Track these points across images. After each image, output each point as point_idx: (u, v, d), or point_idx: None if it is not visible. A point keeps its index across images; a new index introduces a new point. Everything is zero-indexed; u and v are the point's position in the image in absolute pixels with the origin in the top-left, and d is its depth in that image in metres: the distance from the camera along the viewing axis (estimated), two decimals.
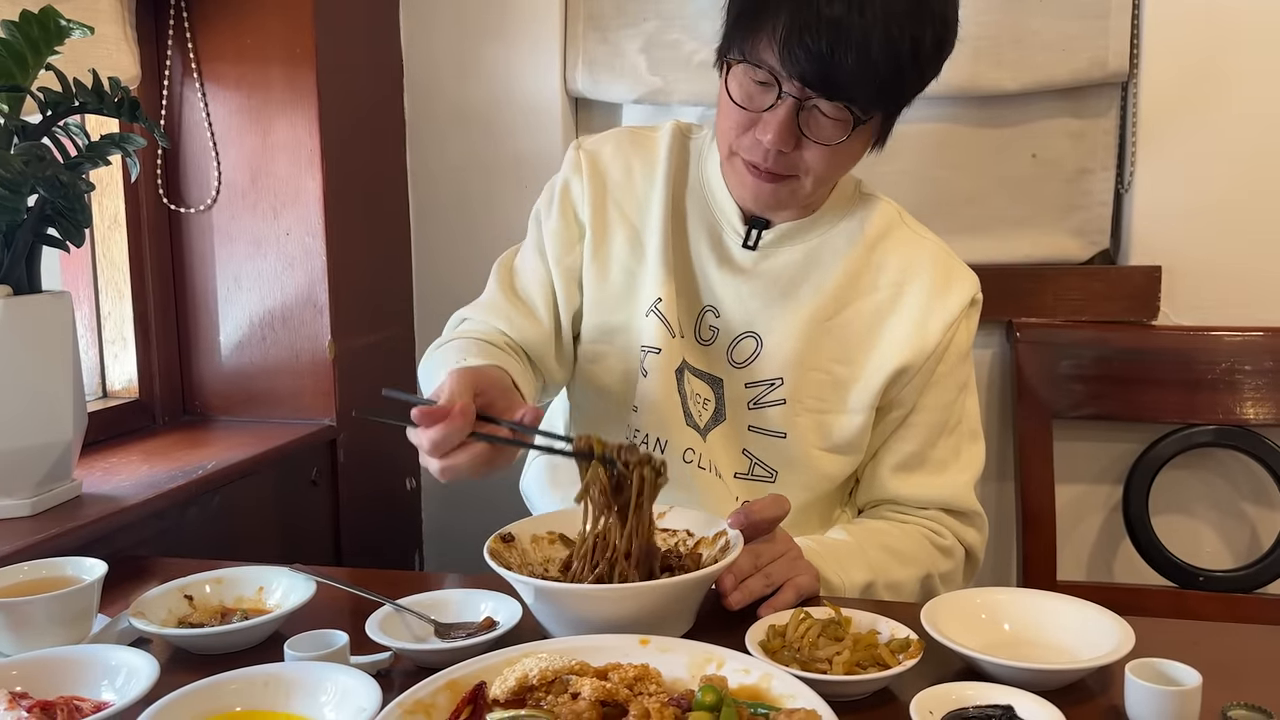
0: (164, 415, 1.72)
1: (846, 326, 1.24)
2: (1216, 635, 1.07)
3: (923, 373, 1.23)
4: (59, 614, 0.97)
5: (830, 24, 1.02)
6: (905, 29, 1.03)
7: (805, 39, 1.03)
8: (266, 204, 1.69)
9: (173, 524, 1.41)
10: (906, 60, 1.05)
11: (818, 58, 1.03)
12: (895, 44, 1.03)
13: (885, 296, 1.24)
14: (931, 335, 1.22)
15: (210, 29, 1.67)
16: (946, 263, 1.27)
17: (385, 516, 1.94)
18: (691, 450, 1.25)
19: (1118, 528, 1.76)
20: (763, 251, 1.24)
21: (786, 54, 1.04)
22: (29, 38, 1.20)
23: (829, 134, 1.10)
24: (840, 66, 1.03)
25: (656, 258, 1.26)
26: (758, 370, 1.25)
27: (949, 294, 1.24)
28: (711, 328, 1.27)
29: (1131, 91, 1.71)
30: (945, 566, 1.25)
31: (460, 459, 0.96)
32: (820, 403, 1.24)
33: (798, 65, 1.04)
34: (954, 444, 1.28)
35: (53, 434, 1.23)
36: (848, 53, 1.02)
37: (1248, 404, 1.66)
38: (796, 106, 1.08)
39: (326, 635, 0.92)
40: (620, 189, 1.30)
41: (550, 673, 0.81)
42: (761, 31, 1.06)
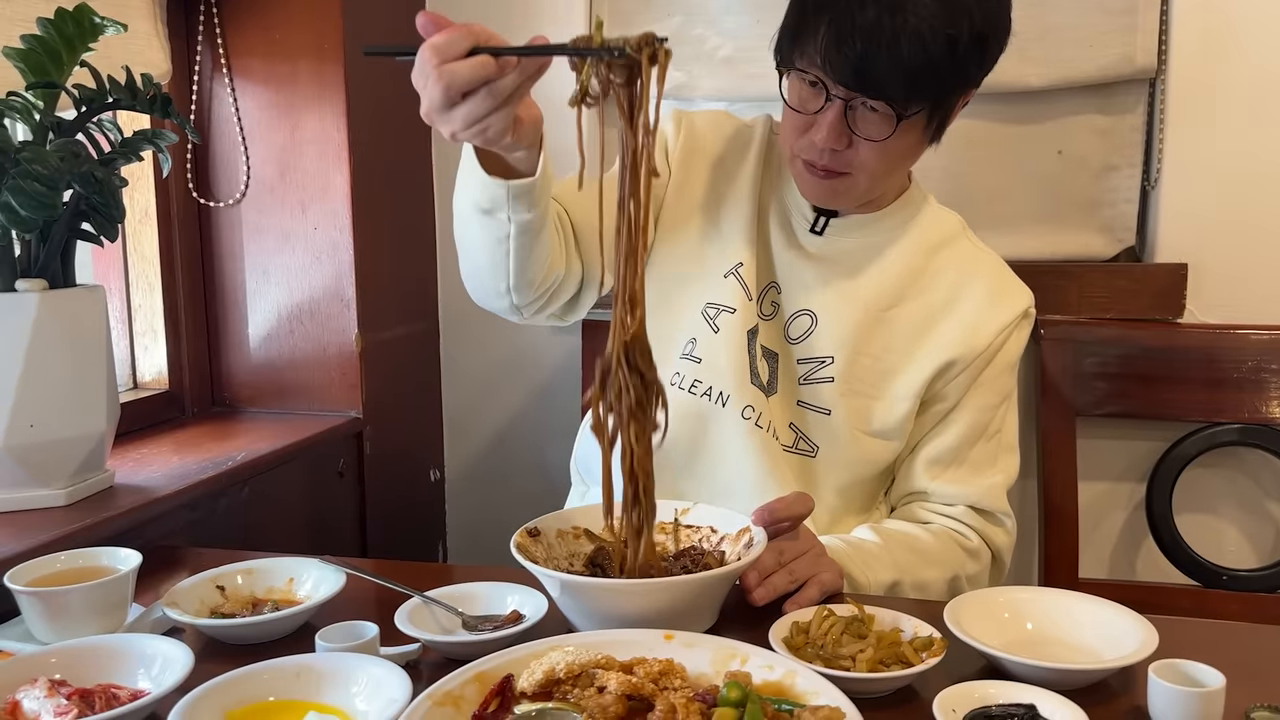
0: (193, 407, 1.74)
1: (900, 320, 1.28)
2: (1240, 636, 1.07)
3: (970, 370, 1.27)
4: (96, 603, 0.99)
5: (864, 29, 1.09)
6: (938, 27, 1.09)
7: (843, 45, 1.11)
8: (295, 198, 1.71)
9: (203, 515, 1.43)
10: (940, 56, 1.10)
11: (854, 60, 1.11)
12: (926, 42, 1.09)
13: (941, 298, 1.29)
14: (983, 336, 1.27)
15: (240, 25, 1.69)
16: (1003, 275, 1.32)
17: (410, 508, 1.96)
18: (751, 408, 1.27)
19: (1141, 526, 1.76)
20: (828, 239, 1.30)
21: (828, 60, 1.12)
22: (64, 35, 1.22)
23: (876, 130, 1.16)
24: (875, 66, 1.10)
25: (741, 227, 1.32)
26: (810, 347, 1.29)
27: (1004, 302, 1.29)
28: (774, 303, 1.31)
29: (1159, 88, 1.70)
30: (972, 569, 1.25)
31: (461, 64, 0.90)
32: (867, 387, 1.28)
33: (838, 69, 1.12)
34: (991, 450, 1.30)
35: (87, 425, 1.25)
36: (880, 53, 1.09)
37: (1273, 402, 1.65)
38: (844, 107, 1.15)
39: (357, 626, 0.94)
40: (710, 155, 1.36)
41: (576, 666, 0.82)
42: (808, 41, 1.14)
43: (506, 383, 2.01)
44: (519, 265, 1.15)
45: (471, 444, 2.05)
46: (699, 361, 1.30)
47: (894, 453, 1.30)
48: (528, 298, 1.20)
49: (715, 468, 1.28)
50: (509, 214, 1.09)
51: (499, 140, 0.98)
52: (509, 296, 1.19)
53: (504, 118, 0.95)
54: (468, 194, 1.11)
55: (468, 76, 0.91)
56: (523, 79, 0.94)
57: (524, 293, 1.19)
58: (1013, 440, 1.33)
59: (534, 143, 1.04)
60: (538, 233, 1.13)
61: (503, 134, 0.97)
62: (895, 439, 1.29)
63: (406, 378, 1.91)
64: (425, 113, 0.95)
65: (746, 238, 1.31)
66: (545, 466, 1.94)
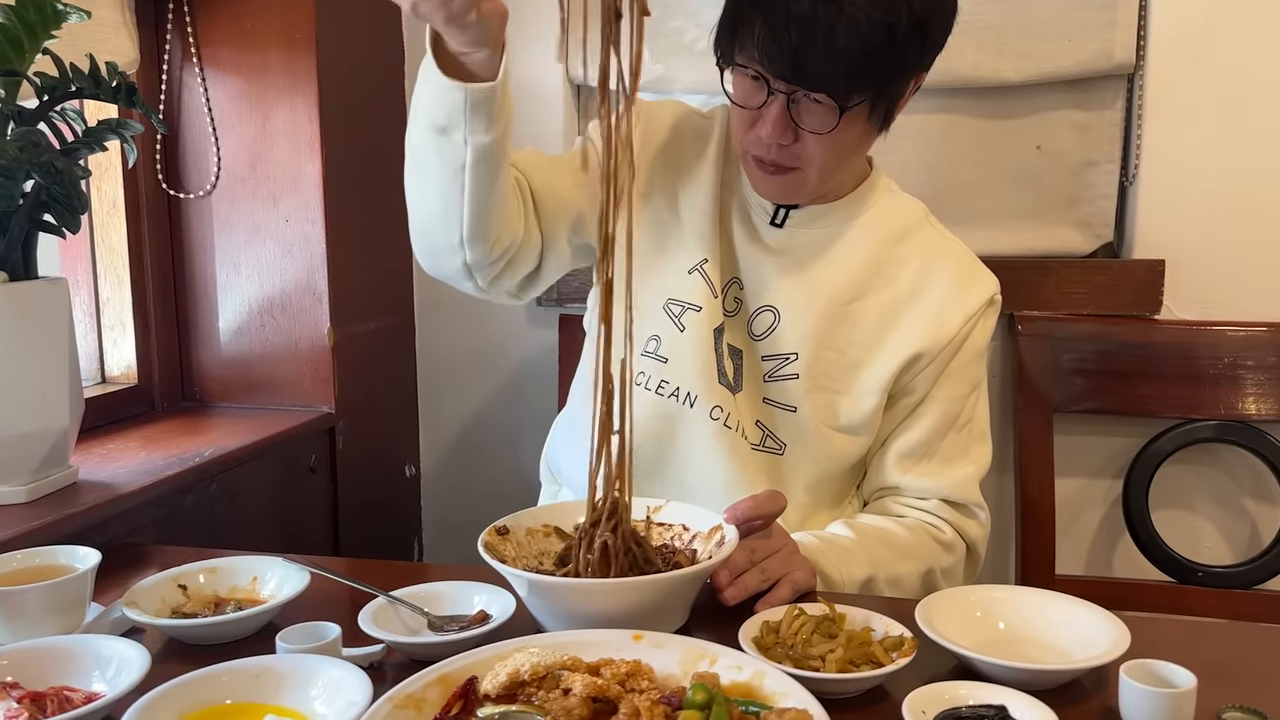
0: (163, 401, 1.72)
1: (865, 313, 1.27)
2: (1213, 634, 1.07)
3: (937, 362, 1.25)
4: (52, 603, 0.97)
5: (799, 21, 1.07)
6: (874, 16, 1.07)
7: (779, 38, 1.09)
8: (266, 190, 1.68)
9: (170, 511, 1.40)
10: (879, 45, 1.08)
11: (791, 54, 1.09)
12: (862, 31, 1.06)
13: (905, 288, 1.27)
14: (950, 326, 1.25)
15: (210, 13, 1.66)
16: (969, 262, 1.30)
17: (384, 504, 1.94)
18: (720, 408, 1.25)
19: (1117, 522, 1.76)
20: (789, 231, 1.28)
21: (765, 54, 1.10)
22: (25, 22, 1.19)
23: (820, 123, 1.14)
24: (812, 58, 1.08)
25: (704, 222, 1.29)
26: (774, 344, 1.27)
27: (969, 290, 1.27)
28: (737, 299, 1.30)
29: (1137, 84, 1.69)
30: (946, 561, 1.25)
31: None
32: (833, 382, 1.26)
33: (776, 63, 1.10)
34: (962, 441, 1.29)
35: (49, 420, 1.23)
36: (816, 46, 1.07)
37: (1249, 399, 1.65)
38: (786, 101, 1.13)
39: (319, 627, 0.92)
40: (669, 146, 1.33)
41: (542, 668, 0.81)
42: (745, 35, 1.13)
43: (483, 377, 1.99)
44: (475, 207, 1.09)
45: (447, 439, 2.03)
46: (665, 361, 1.28)
47: (863, 447, 1.29)
48: (483, 255, 1.15)
49: (684, 470, 1.26)
50: (466, 133, 1.04)
51: (464, 15, 0.92)
52: (463, 252, 1.14)
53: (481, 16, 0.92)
54: (423, 111, 1.06)
55: None
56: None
57: (479, 246, 1.13)
58: (984, 428, 1.32)
59: (497, 41, 0.99)
60: (495, 167, 1.08)
61: (469, 7, 0.92)
62: (863, 434, 1.28)
63: (380, 372, 1.89)
64: None
65: (709, 233, 1.29)
66: (522, 462, 1.92)
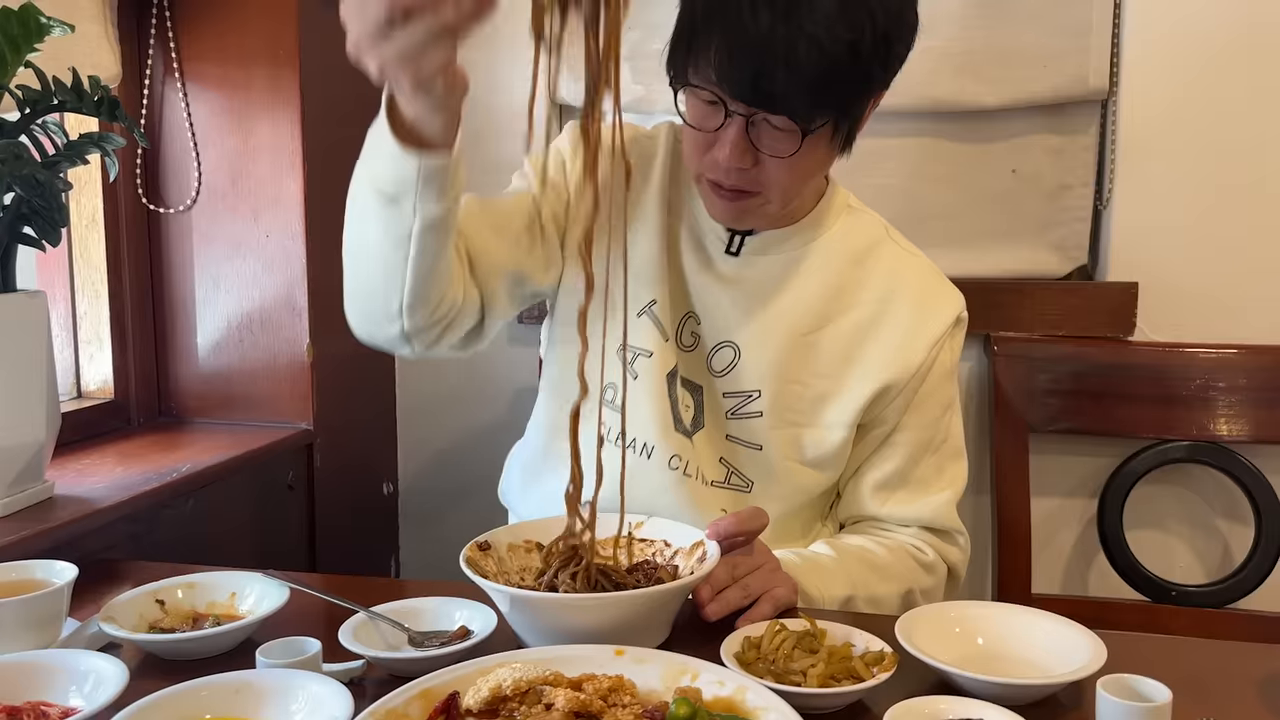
0: (139, 417, 1.71)
1: (828, 341, 1.23)
2: (1188, 651, 1.08)
3: (906, 392, 1.23)
4: (27, 618, 0.96)
5: (759, 40, 1.02)
6: (838, 34, 1.02)
7: (737, 58, 1.04)
8: (247, 206, 1.68)
9: (146, 527, 1.39)
10: (842, 64, 1.03)
11: (751, 75, 1.04)
12: (825, 50, 1.02)
13: (868, 313, 1.23)
14: (916, 354, 1.22)
15: (193, 29, 1.66)
16: (932, 280, 1.27)
17: (362, 521, 1.93)
18: (678, 457, 1.23)
19: (1092, 542, 1.77)
20: (745, 259, 1.24)
21: (723, 75, 1.05)
22: (8, 34, 1.19)
23: (781, 146, 1.09)
24: (773, 80, 1.03)
25: (651, 257, 1.25)
26: (736, 380, 1.24)
27: (934, 311, 1.24)
28: (694, 334, 1.26)
29: (1111, 109, 1.72)
30: (927, 582, 1.24)
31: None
32: (798, 416, 1.23)
33: (734, 85, 1.05)
34: (937, 462, 1.27)
35: (25, 435, 1.22)
36: (777, 65, 1.02)
37: (1221, 420, 1.67)
38: (745, 123, 1.08)
39: (299, 642, 0.92)
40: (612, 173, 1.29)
41: (524, 683, 0.81)
42: (700, 55, 1.07)
43: (462, 395, 1.99)
44: (417, 276, 1.05)
45: (426, 457, 2.02)
46: (620, 411, 1.17)
47: (831, 480, 1.27)
48: (421, 322, 1.10)
49: None
50: (416, 203, 0.99)
51: (430, 81, 0.89)
52: (400, 320, 1.09)
53: (445, 51, 0.87)
54: (371, 179, 1.03)
55: None
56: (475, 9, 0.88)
57: (417, 315, 1.09)
58: (958, 445, 1.30)
59: (456, 110, 0.95)
60: (444, 237, 1.03)
61: (437, 72, 0.89)
62: (831, 468, 1.25)
63: (359, 389, 1.89)
64: (355, 41, 0.88)
65: (657, 269, 1.25)
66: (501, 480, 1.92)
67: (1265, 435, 1.66)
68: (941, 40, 1.72)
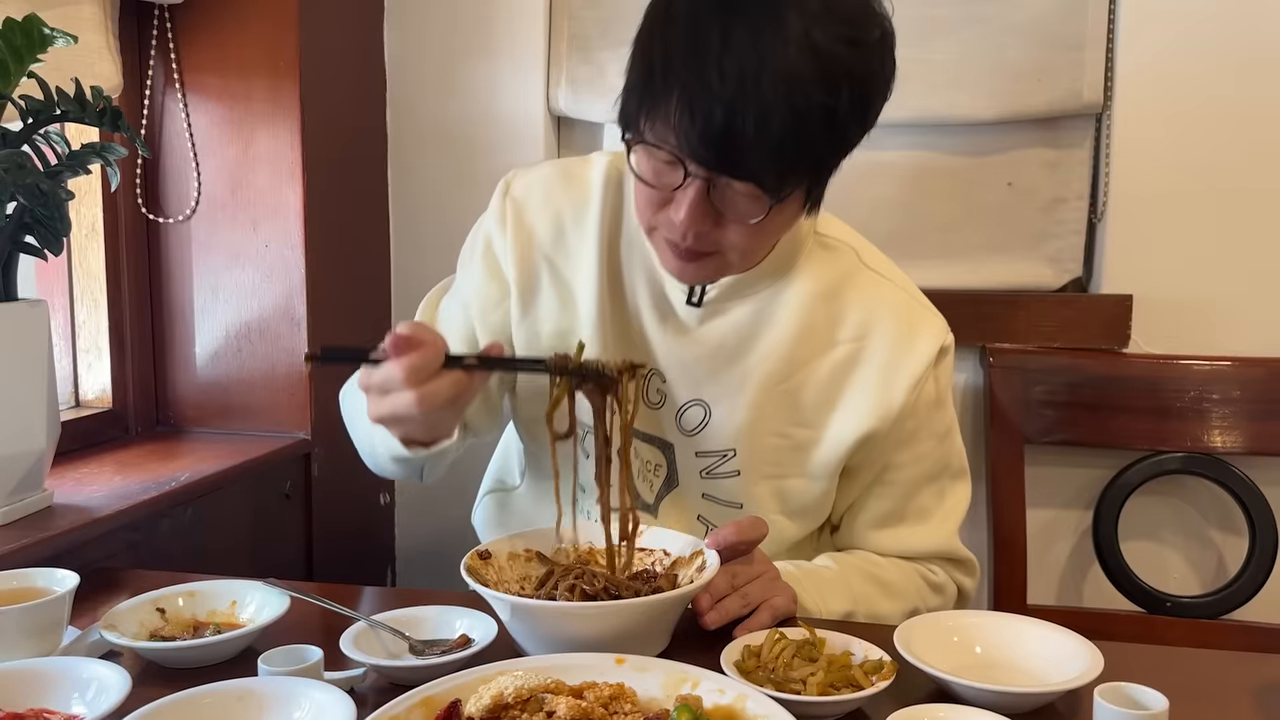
0: (137, 426, 1.71)
1: (803, 388, 1.16)
2: (1184, 660, 1.09)
3: (891, 435, 1.16)
4: (29, 625, 0.96)
5: (726, 104, 0.92)
6: (812, 96, 0.93)
7: (700, 120, 0.93)
8: (246, 216, 1.69)
9: (145, 536, 1.39)
10: (817, 130, 0.95)
11: (716, 138, 0.93)
12: (800, 116, 0.93)
13: (844, 353, 1.16)
14: (897, 397, 1.15)
15: (193, 40, 1.67)
16: (910, 311, 1.18)
17: (358, 531, 1.93)
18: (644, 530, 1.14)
19: (1087, 553, 1.78)
20: (709, 308, 1.15)
21: (683, 135, 0.95)
22: (11, 45, 1.20)
23: (746, 211, 1.00)
24: (740, 146, 0.93)
25: (591, 321, 1.16)
26: (708, 440, 1.18)
27: (914, 347, 1.16)
28: (659, 391, 1.19)
29: (1106, 123, 1.74)
30: (934, 602, 1.21)
31: (440, 384, 0.93)
32: (778, 468, 1.18)
33: (697, 151, 0.95)
34: (936, 490, 1.23)
35: (25, 443, 1.22)
36: (746, 131, 0.92)
37: (1215, 432, 1.68)
38: (706, 186, 0.98)
39: (300, 650, 0.92)
40: (550, 244, 1.19)
41: (525, 691, 0.81)
42: (659, 111, 0.96)
43: None
44: (429, 475, 1.16)
45: None
46: (585, 492, 1.14)
47: (815, 526, 1.24)
48: (434, 475, 1.20)
49: None
50: (424, 463, 1.10)
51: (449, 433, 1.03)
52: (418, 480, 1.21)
53: (458, 416, 1.00)
54: (379, 438, 1.10)
55: (447, 395, 0.94)
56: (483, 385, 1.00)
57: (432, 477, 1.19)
58: (960, 466, 1.25)
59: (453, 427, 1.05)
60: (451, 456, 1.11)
61: (453, 430, 1.02)
62: (815, 517, 1.22)
63: None
64: (377, 417, 0.98)
65: (601, 329, 1.16)
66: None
67: (1259, 447, 1.67)
68: (938, 54, 1.73)
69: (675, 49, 0.95)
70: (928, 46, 1.73)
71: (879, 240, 1.25)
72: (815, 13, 0.93)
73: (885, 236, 1.79)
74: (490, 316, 1.22)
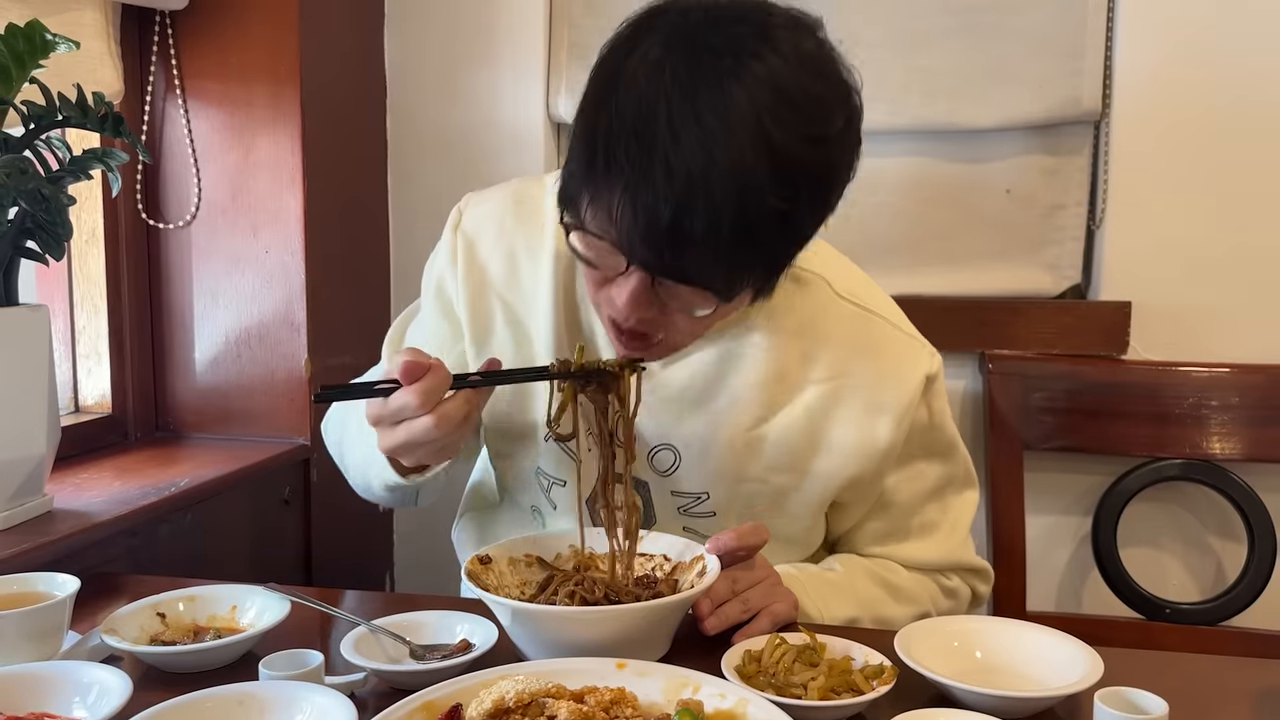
0: (137, 431, 1.71)
1: (779, 433, 1.10)
2: (1183, 666, 1.09)
3: (881, 470, 1.12)
4: (30, 630, 0.96)
5: (673, 202, 0.84)
6: (767, 201, 0.85)
7: (644, 218, 0.85)
8: (246, 221, 1.69)
9: (144, 541, 1.39)
10: (771, 234, 0.89)
11: (660, 243, 0.86)
12: (753, 221, 0.86)
13: (821, 392, 1.09)
14: (883, 436, 1.09)
15: (194, 46, 1.67)
16: (891, 342, 1.11)
17: (357, 537, 1.93)
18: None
19: (1087, 559, 1.78)
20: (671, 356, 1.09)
21: (625, 234, 0.88)
22: (14, 51, 1.20)
23: (692, 303, 0.94)
24: (687, 251, 0.87)
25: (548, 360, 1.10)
26: (681, 482, 1.13)
27: (898, 382, 1.10)
28: None
29: (1104, 130, 1.74)
30: (946, 606, 1.20)
31: (454, 404, 0.94)
32: (758, 511, 1.13)
33: (638, 249, 0.88)
34: (940, 504, 1.19)
35: (25, 448, 1.22)
36: (694, 236, 0.85)
37: (1214, 439, 1.68)
38: (651, 278, 0.92)
39: (301, 655, 0.92)
40: (503, 282, 1.14)
41: (526, 695, 0.81)
42: (600, 199, 0.89)
43: None
44: (424, 499, 1.15)
45: None
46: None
47: (806, 555, 1.21)
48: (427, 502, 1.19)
49: None
50: (416, 490, 1.10)
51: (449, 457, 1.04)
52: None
53: (467, 435, 0.99)
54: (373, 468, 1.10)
55: (461, 414, 0.94)
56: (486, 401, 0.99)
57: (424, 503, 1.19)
58: (964, 472, 1.21)
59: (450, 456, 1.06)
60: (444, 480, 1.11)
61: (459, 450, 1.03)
62: (802, 548, 1.19)
63: None
64: (390, 447, 0.97)
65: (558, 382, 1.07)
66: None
67: (1258, 453, 1.67)
68: (937, 62, 1.74)
69: (619, 136, 0.85)
70: (927, 54, 1.74)
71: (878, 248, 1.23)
72: (767, 103, 0.84)
73: (884, 244, 1.80)
74: (447, 357, 1.16)
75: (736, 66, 0.84)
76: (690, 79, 0.84)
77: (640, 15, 0.91)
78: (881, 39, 1.75)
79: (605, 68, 0.90)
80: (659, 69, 0.85)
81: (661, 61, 0.85)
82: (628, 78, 0.87)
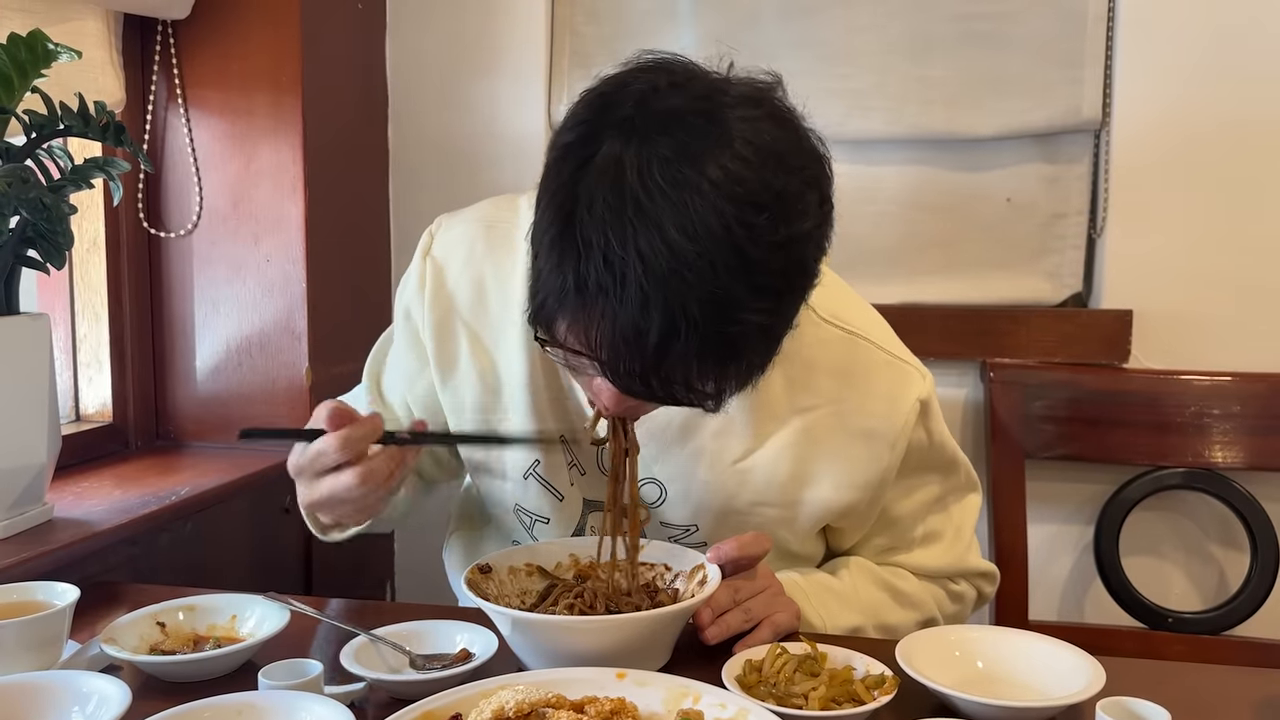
0: (137, 440, 1.71)
1: (767, 465, 1.08)
2: (1185, 675, 1.08)
3: (876, 497, 1.11)
4: (29, 639, 0.96)
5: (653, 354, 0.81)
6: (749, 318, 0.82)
7: (623, 363, 0.83)
8: (247, 230, 1.69)
9: (144, 550, 1.39)
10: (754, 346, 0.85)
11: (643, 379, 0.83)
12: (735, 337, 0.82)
13: (808, 422, 1.07)
14: (873, 468, 1.08)
15: (196, 55, 1.67)
16: (881, 368, 1.08)
17: (358, 546, 1.92)
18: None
19: (1088, 568, 1.78)
20: None
21: (609, 364, 0.84)
22: (16, 60, 1.20)
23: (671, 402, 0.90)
24: (661, 392, 0.84)
25: (522, 401, 1.09)
26: (668, 514, 1.12)
27: (888, 411, 1.07)
28: None
29: (1105, 139, 1.74)
30: (951, 609, 1.19)
31: (380, 461, 0.95)
32: None
33: (621, 380, 0.85)
34: (943, 514, 1.19)
35: (26, 457, 1.22)
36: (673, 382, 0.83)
37: (1216, 447, 1.68)
38: None
39: (300, 664, 0.92)
40: (469, 309, 1.12)
41: (526, 705, 0.81)
42: (575, 331, 0.85)
43: None
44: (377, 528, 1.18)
45: None
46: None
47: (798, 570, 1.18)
48: None
49: None
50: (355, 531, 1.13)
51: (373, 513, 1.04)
52: None
53: (391, 493, 0.99)
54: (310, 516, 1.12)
55: (385, 472, 0.95)
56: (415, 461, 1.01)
57: None
58: (969, 478, 1.21)
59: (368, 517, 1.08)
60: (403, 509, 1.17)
61: (380, 510, 1.03)
62: (802, 565, 1.17)
63: None
64: (311, 502, 1.00)
65: (533, 408, 1.08)
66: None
67: (1260, 462, 1.67)
68: (938, 71, 1.74)
69: (589, 263, 0.80)
70: (927, 63, 1.75)
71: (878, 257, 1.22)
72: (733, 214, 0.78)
73: (885, 252, 1.80)
74: (415, 386, 1.18)
75: (697, 178, 0.78)
76: (650, 199, 0.78)
77: (587, 112, 0.84)
78: (881, 47, 1.75)
79: (560, 179, 0.83)
80: (616, 191, 0.79)
81: (619, 181, 0.79)
82: (585, 200, 0.80)
